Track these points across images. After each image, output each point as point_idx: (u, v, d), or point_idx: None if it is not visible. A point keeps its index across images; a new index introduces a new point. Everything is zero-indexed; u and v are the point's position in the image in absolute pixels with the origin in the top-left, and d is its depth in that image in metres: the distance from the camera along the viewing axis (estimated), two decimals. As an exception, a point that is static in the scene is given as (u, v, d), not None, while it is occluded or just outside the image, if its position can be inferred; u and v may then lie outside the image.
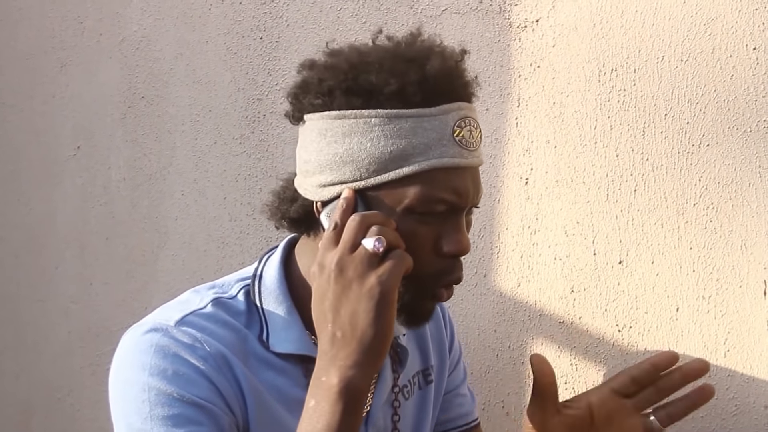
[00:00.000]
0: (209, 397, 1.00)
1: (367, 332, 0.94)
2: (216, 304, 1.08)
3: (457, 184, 1.00)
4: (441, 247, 1.01)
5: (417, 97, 0.98)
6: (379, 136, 0.98)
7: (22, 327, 2.58)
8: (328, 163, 1.01)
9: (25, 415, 2.59)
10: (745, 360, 1.33)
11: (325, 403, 0.94)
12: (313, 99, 1.03)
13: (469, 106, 1.03)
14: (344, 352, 0.95)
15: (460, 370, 1.39)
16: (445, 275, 1.03)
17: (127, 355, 1.03)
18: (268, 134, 1.92)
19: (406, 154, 0.98)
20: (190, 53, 2.06)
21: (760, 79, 1.30)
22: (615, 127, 1.43)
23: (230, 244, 2.01)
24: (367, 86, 0.99)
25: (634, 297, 1.43)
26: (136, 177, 2.22)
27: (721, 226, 1.34)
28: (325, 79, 1.01)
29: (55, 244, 2.45)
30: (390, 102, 0.98)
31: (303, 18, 1.84)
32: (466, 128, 1.01)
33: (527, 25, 1.52)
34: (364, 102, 0.99)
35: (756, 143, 1.30)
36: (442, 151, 0.99)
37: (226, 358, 1.03)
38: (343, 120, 1.00)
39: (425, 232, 1.01)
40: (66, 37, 2.36)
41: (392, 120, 0.98)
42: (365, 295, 0.94)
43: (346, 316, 0.95)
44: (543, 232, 1.52)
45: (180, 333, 1.03)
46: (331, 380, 0.94)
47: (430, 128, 0.99)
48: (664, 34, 1.38)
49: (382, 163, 0.99)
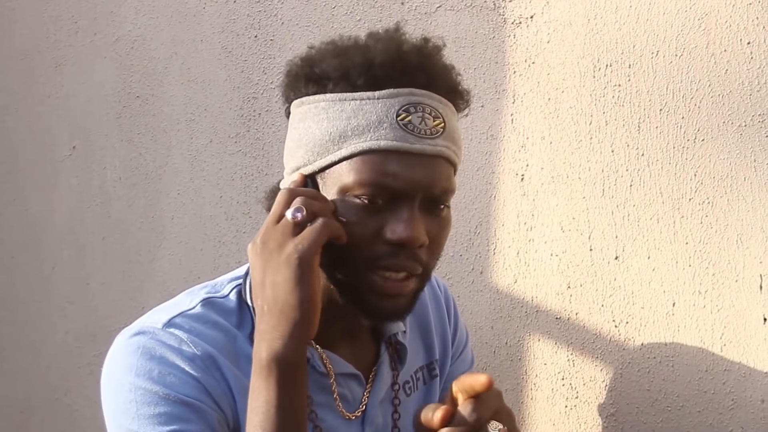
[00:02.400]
0: (196, 396, 1.00)
1: (288, 301, 0.93)
2: (206, 304, 1.08)
3: (396, 169, 0.97)
4: (384, 234, 0.99)
5: (361, 80, 0.98)
6: (324, 118, 1.00)
7: (20, 327, 2.58)
8: (290, 149, 1.05)
9: (23, 415, 2.59)
10: (741, 354, 1.33)
11: (259, 379, 0.95)
12: (288, 90, 1.06)
13: (428, 94, 1.00)
14: (270, 324, 0.95)
15: (467, 359, 1.37)
16: (384, 258, 0.99)
17: (115, 358, 1.05)
18: (264, 132, 1.92)
19: (345, 135, 0.98)
20: (185, 52, 2.06)
21: (754, 74, 1.30)
22: (610, 122, 1.43)
23: (227, 243, 2.01)
24: (320, 72, 1.01)
25: (631, 292, 1.43)
26: (132, 176, 2.21)
27: (717, 221, 1.34)
28: (292, 70, 1.05)
29: (51, 244, 2.44)
30: (338, 86, 1.00)
31: (297, 16, 1.84)
32: (416, 114, 0.98)
33: (522, 21, 1.52)
34: (319, 88, 1.01)
35: (751, 138, 1.30)
36: (380, 134, 0.97)
37: (214, 359, 1.03)
38: (301, 107, 1.03)
39: (366, 218, 0.98)
40: (60, 36, 2.36)
41: (336, 103, 0.99)
42: (283, 263, 0.94)
43: (269, 288, 0.95)
44: (539, 228, 1.52)
45: (166, 335, 1.03)
46: (260, 355, 0.95)
47: (371, 111, 0.98)
48: (658, 30, 1.38)
49: (323, 145, 1.00)
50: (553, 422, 1.53)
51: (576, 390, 1.50)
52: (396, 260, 0.99)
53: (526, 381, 1.56)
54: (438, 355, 1.30)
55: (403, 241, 0.98)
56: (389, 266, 0.99)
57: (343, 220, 0.98)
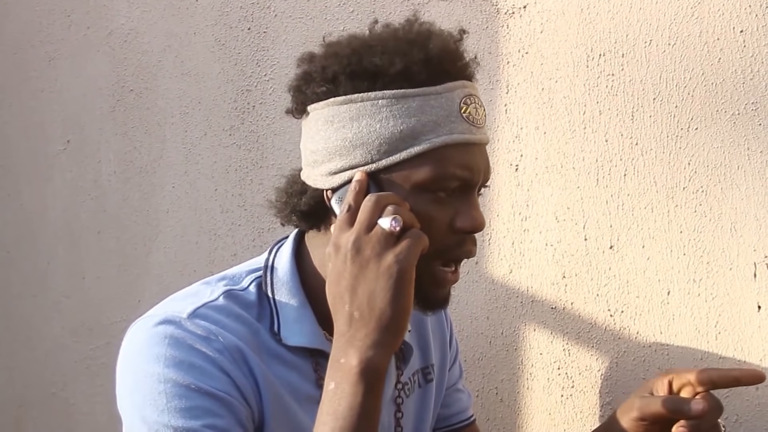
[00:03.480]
0: (226, 389, 0.99)
1: (385, 311, 0.93)
2: (227, 296, 1.07)
3: (468, 160, 1.00)
4: (455, 224, 1.01)
5: (422, 76, 0.99)
6: (388, 116, 0.98)
7: (15, 322, 2.58)
8: (337, 149, 1.01)
9: (19, 410, 2.59)
10: (736, 342, 1.33)
11: (345, 384, 0.93)
12: (316, 88, 1.02)
13: (472, 84, 1.04)
14: (362, 332, 0.94)
15: (457, 367, 1.39)
16: (454, 249, 1.03)
17: (138, 347, 1.02)
18: (258, 125, 1.92)
19: (416, 132, 0.98)
20: (178, 45, 2.06)
21: (747, 62, 1.30)
22: (604, 112, 1.43)
23: (222, 236, 2.01)
24: (372, 68, 0.99)
25: (626, 281, 1.43)
26: (126, 170, 2.21)
27: (711, 209, 1.34)
28: (329, 66, 1.02)
29: (46, 238, 2.44)
30: (396, 82, 0.99)
31: (291, 8, 1.84)
32: (472, 105, 1.02)
33: (515, 11, 1.52)
34: (370, 84, 0.99)
35: (744, 126, 1.31)
36: (451, 127, 0.99)
37: (242, 351, 1.02)
38: (350, 105, 1.00)
39: (439, 211, 1.00)
40: (53, 30, 2.35)
41: (399, 100, 0.98)
42: (383, 274, 0.93)
43: (364, 296, 0.94)
44: (534, 218, 1.52)
45: (193, 325, 1.01)
46: (350, 361, 0.93)
47: (437, 106, 0.99)
48: (651, 19, 1.38)
49: (392, 143, 0.99)
50: (549, 411, 1.53)
51: (572, 379, 1.50)
52: (463, 248, 1.03)
53: (522, 371, 1.56)
54: (435, 360, 1.30)
55: (475, 229, 1.02)
56: (459, 255, 1.04)
57: (417, 216, 0.99)
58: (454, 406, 1.36)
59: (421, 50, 0.99)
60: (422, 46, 0.99)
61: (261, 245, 1.92)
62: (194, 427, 0.96)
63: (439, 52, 0.99)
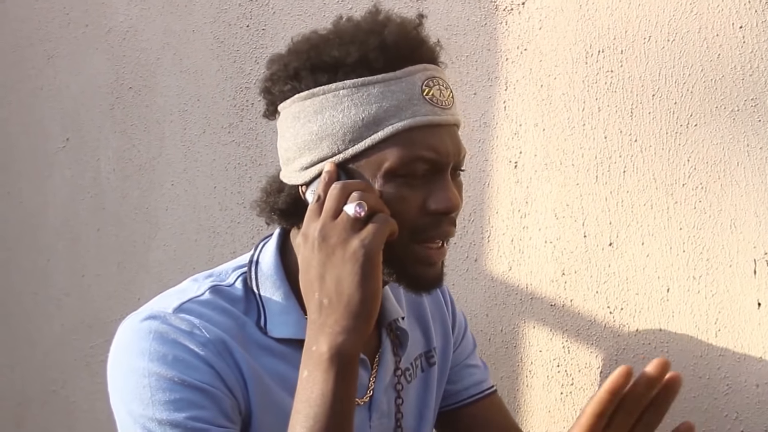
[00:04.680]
0: (210, 381, 1.00)
1: (353, 296, 0.95)
2: (213, 291, 1.09)
3: (434, 142, 1.00)
4: (429, 207, 1.02)
5: (380, 63, 1.00)
6: (349, 105, 0.99)
7: (16, 320, 2.58)
8: (306, 143, 1.03)
9: (20, 407, 2.59)
10: (736, 339, 1.33)
11: (317, 371, 0.95)
12: (282, 86, 1.05)
13: (434, 67, 1.04)
14: (332, 318, 0.95)
15: (468, 342, 1.39)
16: (430, 229, 1.03)
17: (125, 342, 1.04)
18: (257, 122, 1.92)
19: (379, 118, 0.99)
20: (177, 42, 2.05)
21: (746, 58, 1.29)
22: (603, 108, 1.43)
23: (221, 234, 2.01)
24: (330, 60, 1.01)
25: (625, 278, 1.43)
26: (125, 168, 2.21)
27: (711, 206, 1.34)
28: (290, 63, 1.04)
29: (46, 236, 2.44)
30: (355, 72, 1.00)
31: (289, 5, 1.83)
32: (435, 87, 1.02)
33: (513, 7, 1.52)
34: (330, 76, 1.01)
35: (744, 122, 1.30)
36: (413, 110, 1.00)
37: (226, 344, 1.03)
38: (312, 99, 1.01)
39: (410, 195, 1.01)
40: (52, 28, 2.35)
41: (359, 88, 0.99)
42: (349, 259, 0.95)
43: (332, 283, 0.96)
44: (533, 215, 1.52)
45: (178, 320, 1.03)
46: (321, 348, 0.95)
47: (398, 90, 1.00)
48: (650, 15, 1.37)
49: (356, 131, 1.00)
50: (549, 409, 1.53)
51: (571, 377, 1.50)
52: (440, 229, 1.03)
53: (521, 368, 1.56)
54: (437, 343, 1.31)
55: (448, 209, 1.02)
56: (434, 236, 1.04)
57: (387, 202, 1.00)
58: (462, 382, 1.36)
59: (377, 37, 1.00)
60: (378, 34, 1.00)
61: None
62: (178, 420, 0.98)
63: (396, 38, 1.00)
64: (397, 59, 1.00)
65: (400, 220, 0.99)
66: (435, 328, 1.31)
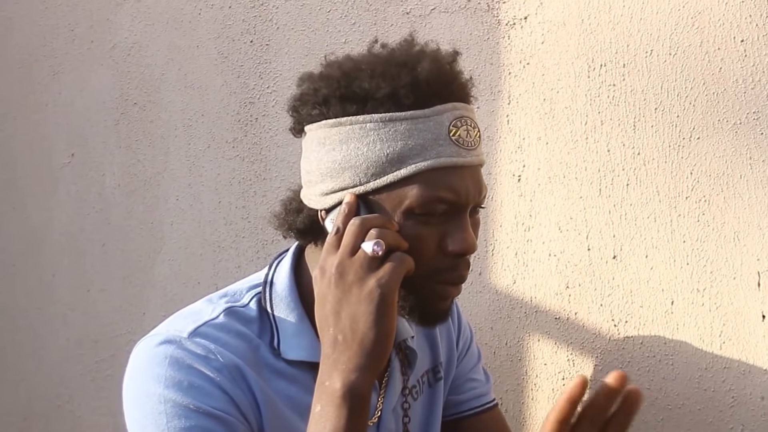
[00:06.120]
0: (225, 408, 1.01)
1: (367, 335, 0.95)
2: (228, 313, 1.09)
3: (455, 183, 1.00)
4: (446, 247, 1.01)
5: (409, 100, 0.99)
6: (375, 140, 0.99)
7: (21, 335, 2.58)
8: (329, 170, 1.02)
9: (25, 422, 2.59)
10: (740, 351, 1.33)
11: (329, 407, 0.95)
12: (310, 110, 1.04)
13: (464, 106, 1.04)
14: (346, 355, 0.95)
15: (473, 355, 1.39)
16: (447, 272, 1.03)
17: (141, 367, 1.04)
18: (261, 137, 1.92)
19: (403, 156, 0.99)
20: (182, 58, 2.06)
21: (748, 71, 1.30)
22: (606, 122, 1.43)
23: (226, 248, 2.01)
24: (361, 92, 1.00)
25: (629, 291, 1.43)
26: (130, 183, 2.22)
27: (714, 219, 1.34)
28: (320, 89, 1.03)
29: (51, 251, 2.45)
30: (384, 106, 0.99)
31: (293, 20, 1.84)
32: (463, 128, 1.01)
33: (516, 22, 1.53)
34: (359, 108, 1.00)
35: (746, 135, 1.31)
36: (438, 151, 0.99)
37: (240, 369, 1.04)
38: (339, 127, 1.01)
39: (428, 233, 1.01)
40: (57, 44, 2.36)
41: (387, 123, 0.99)
42: (365, 298, 0.95)
43: (347, 320, 0.96)
44: (537, 228, 1.52)
45: (193, 345, 1.03)
46: (334, 384, 0.95)
47: (425, 129, 0.99)
48: (652, 29, 1.38)
49: (379, 166, 0.99)
50: (554, 422, 1.53)
51: (576, 390, 1.50)
52: (455, 273, 1.04)
53: (526, 381, 1.56)
54: (443, 358, 1.31)
55: (464, 251, 1.01)
56: (453, 279, 1.04)
57: (405, 239, 1.00)
58: (464, 394, 1.36)
59: (410, 73, 0.99)
60: (411, 69, 1.00)
61: (265, 257, 1.92)
62: None
63: (428, 75, 0.99)
64: (427, 97, 1.00)
65: (416, 257, 0.99)
66: (441, 342, 1.31)
